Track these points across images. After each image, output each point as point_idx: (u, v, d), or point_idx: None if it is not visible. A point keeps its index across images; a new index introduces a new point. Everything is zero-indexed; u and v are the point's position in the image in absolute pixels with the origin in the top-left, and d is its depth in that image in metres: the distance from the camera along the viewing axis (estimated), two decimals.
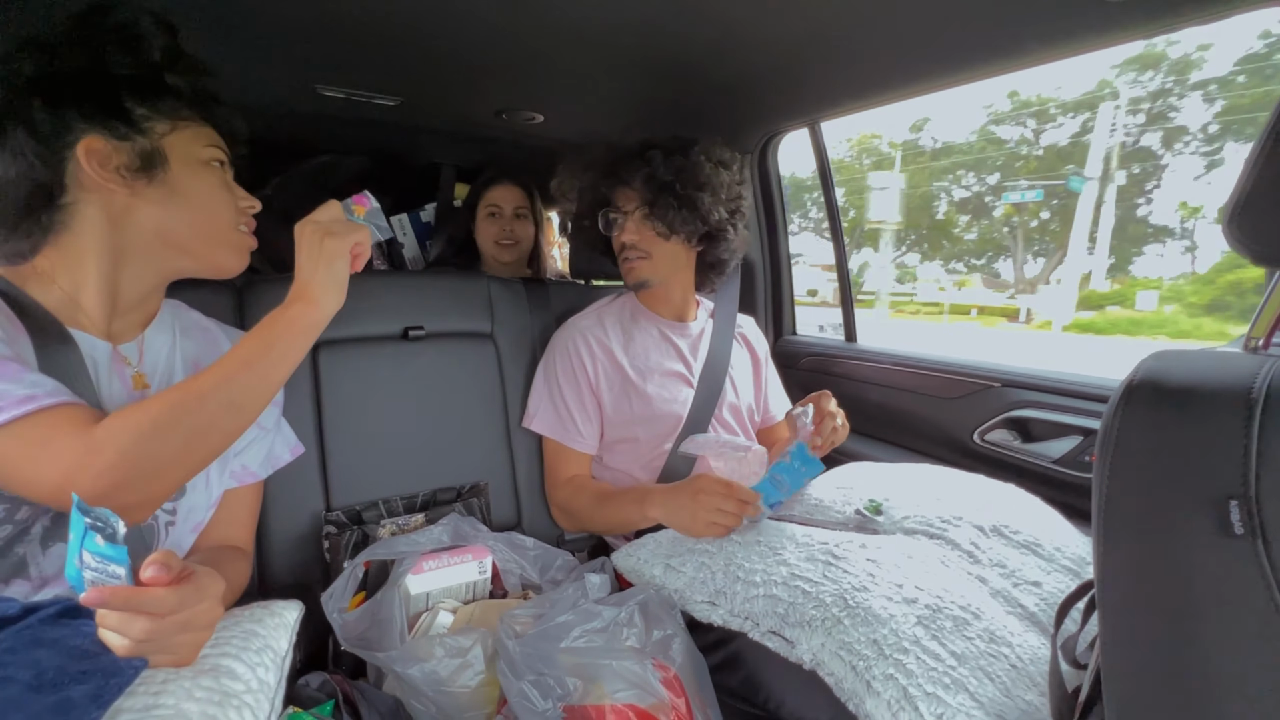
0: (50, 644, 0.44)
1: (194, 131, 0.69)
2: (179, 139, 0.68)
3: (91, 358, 0.65)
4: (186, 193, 0.68)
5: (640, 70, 1.12)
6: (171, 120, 0.67)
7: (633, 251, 1.10)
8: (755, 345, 1.26)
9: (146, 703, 0.42)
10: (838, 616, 0.64)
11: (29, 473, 0.54)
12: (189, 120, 0.69)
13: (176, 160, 0.67)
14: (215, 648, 0.53)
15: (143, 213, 0.66)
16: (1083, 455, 0.99)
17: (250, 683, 0.51)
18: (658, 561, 0.84)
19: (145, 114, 0.65)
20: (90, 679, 0.42)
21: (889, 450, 1.32)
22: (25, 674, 0.40)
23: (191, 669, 0.49)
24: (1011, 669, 0.61)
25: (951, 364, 1.23)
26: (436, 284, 1.16)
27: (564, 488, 1.10)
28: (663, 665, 0.69)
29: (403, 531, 0.95)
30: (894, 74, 1.04)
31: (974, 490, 0.92)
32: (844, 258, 1.48)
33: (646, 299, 1.18)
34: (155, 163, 0.65)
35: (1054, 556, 0.79)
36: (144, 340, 0.73)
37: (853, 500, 0.91)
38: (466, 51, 1.05)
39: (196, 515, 0.74)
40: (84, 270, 0.65)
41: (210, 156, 0.70)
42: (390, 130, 1.54)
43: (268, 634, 0.58)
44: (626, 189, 1.09)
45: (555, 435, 1.09)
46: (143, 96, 0.65)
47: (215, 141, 0.72)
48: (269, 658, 0.56)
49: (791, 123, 1.36)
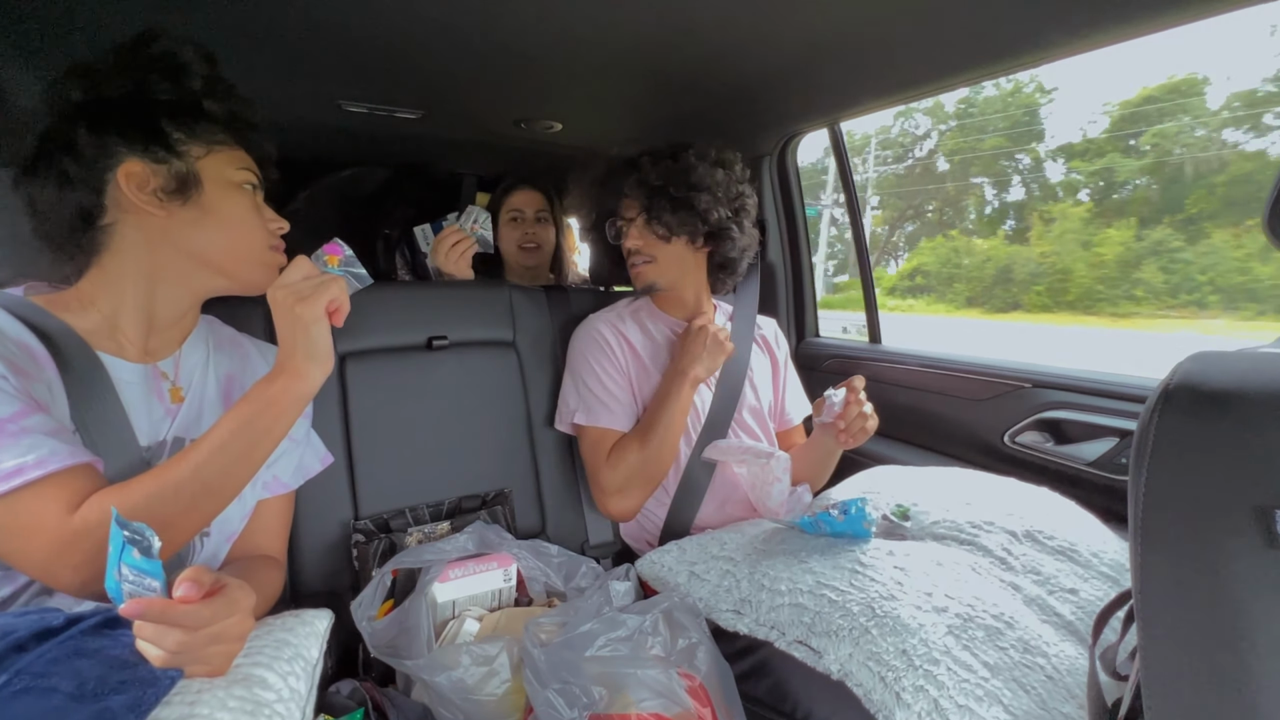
0: (91, 654, 0.45)
1: (227, 155, 0.71)
2: (213, 162, 0.70)
3: (128, 381, 0.68)
4: (219, 213, 0.70)
5: (656, 77, 1.12)
6: (207, 144, 0.69)
7: (638, 256, 1.12)
8: (775, 347, 1.25)
9: (182, 713, 0.43)
10: (865, 626, 0.63)
11: (11, 552, 0.55)
12: (223, 144, 0.71)
13: (210, 182, 0.69)
14: (248, 657, 0.54)
15: (178, 233, 0.68)
16: (1120, 457, 0.96)
17: (282, 692, 0.52)
18: (682, 569, 0.83)
19: (182, 138, 0.67)
20: (129, 689, 0.43)
21: (916, 453, 1.30)
22: (68, 684, 0.41)
23: (225, 679, 0.50)
24: (1047, 680, 0.59)
25: (980, 364, 1.20)
26: (459, 294, 1.17)
27: (609, 463, 1.05)
28: (688, 674, 0.69)
29: (429, 539, 0.96)
30: (916, 70, 1.02)
31: (1005, 494, 0.90)
32: (866, 257, 1.46)
33: (660, 302, 1.18)
34: (190, 185, 0.68)
35: (1091, 562, 0.76)
36: (180, 355, 0.75)
37: (880, 505, 0.90)
38: (486, 64, 1.07)
39: (230, 526, 0.76)
40: (122, 291, 0.68)
41: (243, 179, 0.73)
42: (412, 143, 1.57)
43: (299, 643, 0.59)
44: (626, 198, 1.12)
45: (591, 420, 1.07)
46: (180, 122, 0.67)
47: (247, 165, 0.74)
48: (300, 666, 0.57)
49: (810, 123, 1.35)
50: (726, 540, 0.88)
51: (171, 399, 0.72)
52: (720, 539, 0.89)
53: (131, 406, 0.67)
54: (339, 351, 1.03)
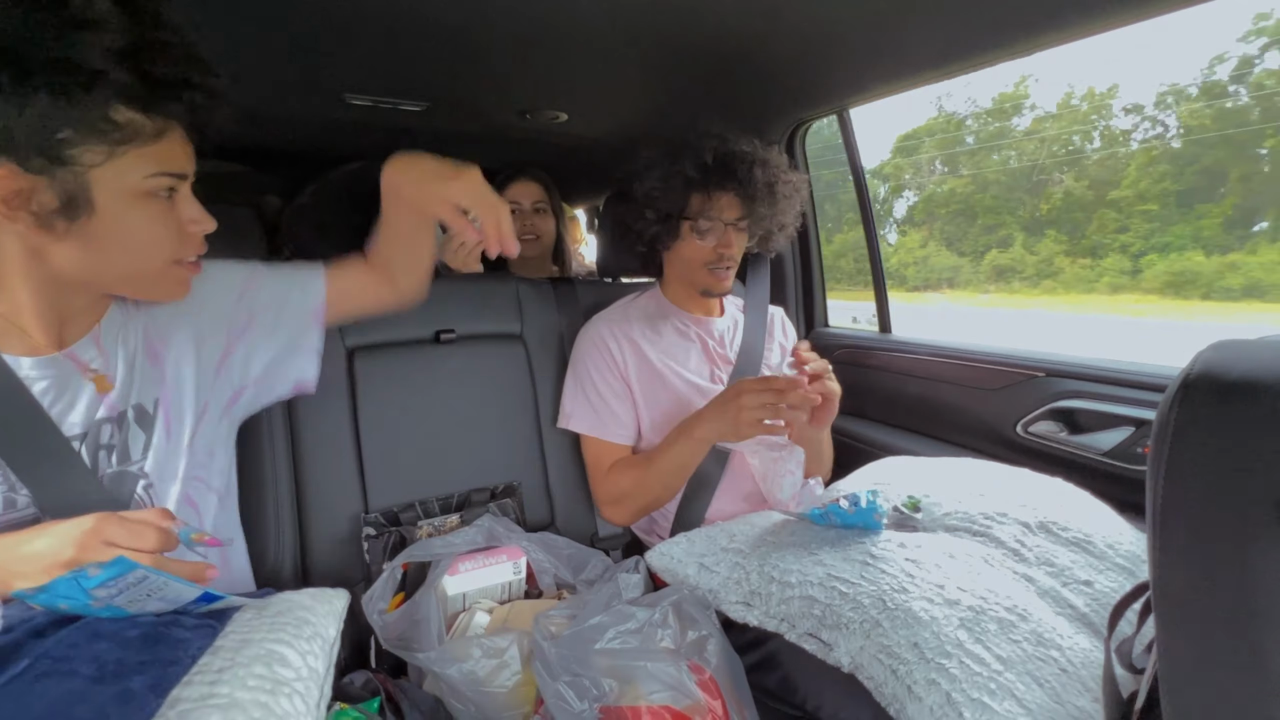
0: (109, 636, 0.45)
1: (136, 156, 0.56)
2: (114, 171, 0.55)
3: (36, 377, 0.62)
4: (113, 236, 0.58)
5: (663, 64, 1.10)
6: (107, 146, 0.53)
7: (729, 261, 1.08)
8: (784, 339, 1.24)
9: (203, 692, 0.43)
10: (876, 619, 0.63)
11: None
12: (135, 142, 0.55)
13: (106, 197, 0.55)
14: (271, 633, 0.53)
15: (61, 256, 0.57)
16: (1136, 447, 0.94)
17: (301, 670, 0.51)
18: (691, 561, 0.83)
19: (71, 138, 0.51)
20: (149, 669, 0.43)
21: (927, 444, 1.29)
22: (88, 667, 0.41)
23: (246, 655, 0.49)
24: (1061, 673, 0.59)
25: (992, 354, 1.19)
26: (466, 287, 1.17)
27: (608, 477, 1.08)
28: (698, 667, 0.69)
29: (439, 533, 0.97)
30: (931, 54, 1.00)
31: (1019, 485, 0.89)
32: (876, 246, 1.45)
33: (674, 295, 1.17)
34: (78, 207, 0.54)
35: (1106, 554, 0.75)
36: (99, 330, 0.67)
37: (890, 496, 0.89)
38: (491, 53, 1.06)
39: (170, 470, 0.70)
40: (14, 295, 0.60)
41: (152, 187, 0.58)
42: (417, 136, 1.57)
43: (318, 621, 0.59)
44: (730, 197, 1.05)
45: (592, 430, 1.08)
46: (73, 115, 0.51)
47: (167, 165, 0.59)
48: (319, 645, 0.56)
49: (820, 110, 1.33)
50: (736, 532, 0.87)
51: (99, 389, 0.65)
52: (729, 531, 0.88)
53: (49, 398, 0.62)
54: (347, 346, 1.03)
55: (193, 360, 0.73)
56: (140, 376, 0.69)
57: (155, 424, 0.70)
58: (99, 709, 0.38)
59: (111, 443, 0.66)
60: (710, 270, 1.08)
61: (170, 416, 0.71)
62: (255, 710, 0.42)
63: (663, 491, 1.06)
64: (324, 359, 0.92)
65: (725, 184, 1.03)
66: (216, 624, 0.51)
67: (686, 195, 1.05)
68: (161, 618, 0.49)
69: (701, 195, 1.05)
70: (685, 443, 0.98)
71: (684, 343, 1.13)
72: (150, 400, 0.70)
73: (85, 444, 0.64)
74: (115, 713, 0.38)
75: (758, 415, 0.89)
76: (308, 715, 0.46)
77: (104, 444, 0.65)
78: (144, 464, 0.68)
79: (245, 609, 0.55)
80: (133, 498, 0.67)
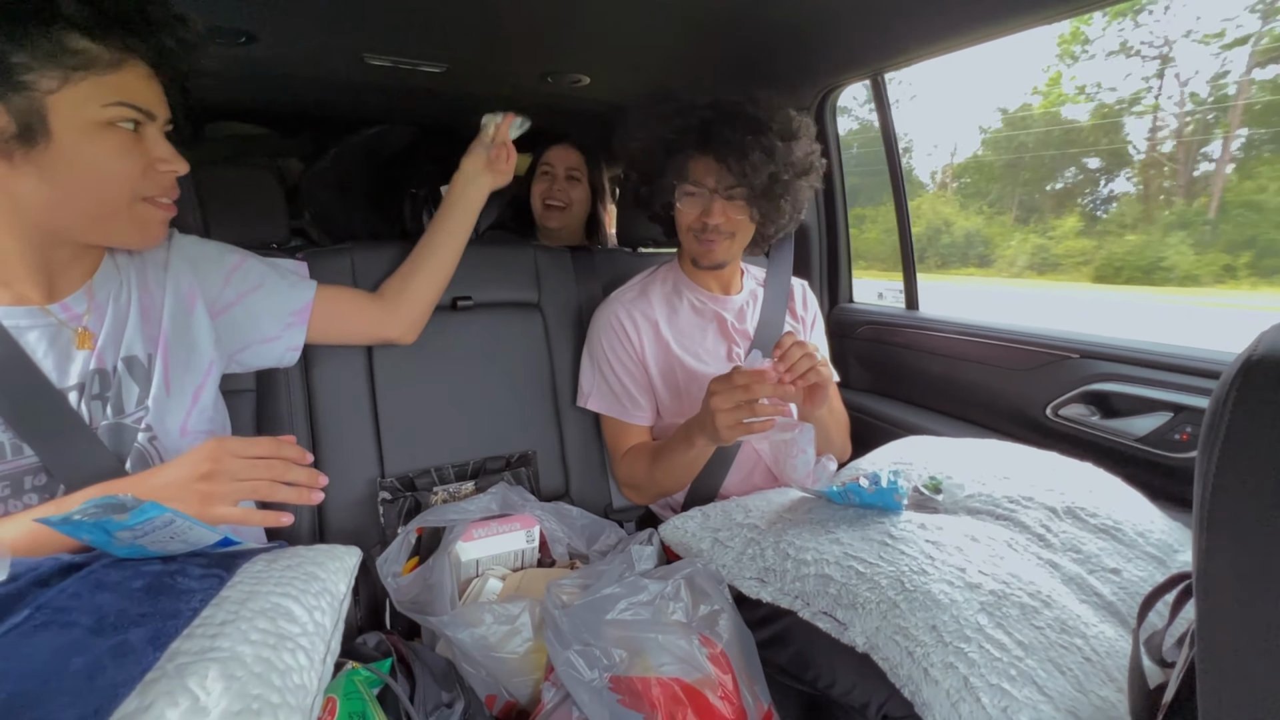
0: (112, 587, 0.45)
1: (93, 85, 0.55)
2: (70, 97, 0.55)
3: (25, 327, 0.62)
4: (71, 166, 0.57)
5: (689, 24, 1.06)
6: (63, 72, 0.53)
7: (717, 233, 1.00)
8: (803, 311, 1.20)
9: (203, 645, 0.43)
10: (894, 600, 0.61)
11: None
12: (89, 69, 0.55)
13: (62, 124, 0.55)
14: (279, 586, 0.52)
15: (23, 188, 0.56)
16: (1173, 433, 0.91)
17: (306, 625, 0.51)
18: (705, 535, 0.82)
19: (25, 64, 0.52)
20: (149, 621, 0.43)
21: (952, 424, 1.25)
22: (87, 618, 0.41)
23: (251, 609, 0.48)
24: (1085, 662, 0.57)
25: (1023, 333, 1.15)
26: (484, 254, 1.15)
27: (624, 461, 1.09)
28: (709, 641, 0.68)
29: (454, 499, 0.97)
30: (973, 11, 0.94)
31: (1046, 468, 0.86)
32: (906, 219, 1.39)
33: (692, 270, 1.14)
34: (34, 132, 0.54)
35: (1136, 542, 0.73)
36: (92, 285, 0.68)
37: (911, 476, 0.87)
38: (512, 14, 1.02)
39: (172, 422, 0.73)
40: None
41: (112, 117, 0.57)
42: (437, 99, 1.54)
43: (328, 577, 0.58)
44: (713, 161, 0.95)
45: (610, 411, 1.08)
46: (24, 38, 0.51)
47: (125, 96, 0.58)
48: (327, 601, 0.55)
49: (852, 75, 1.27)
50: (751, 507, 0.86)
51: (78, 344, 0.65)
52: (745, 506, 0.87)
53: (38, 350, 0.62)
54: None
55: (187, 316, 0.75)
56: (132, 330, 0.70)
57: (153, 377, 0.71)
58: (95, 661, 0.38)
59: (105, 394, 0.67)
60: (696, 239, 1.02)
61: (169, 369, 0.72)
62: (256, 665, 0.42)
63: (673, 485, 1.05)
64: None
65: (705, 148, 0.95)
66: (224, 573, 0.51)
67: (666, 158, 0.99)
68: (168, 566, 0.49)
69: (681, 158, 0.98)
70: (685, 447, 0.93)
71: (700, 320, 1.11)
72: (144, 353, 0.71)
73: (82, 397, 0.65)
74: (111, 665, 0.38)
75: (733, 417, 0.81)
76: (311, 670, 0.46)
77: (95, 395, 0.66)
78: (142, 416, 0.69)
79: (255, 560, 0.55)
80: (132, 448, 0.69)
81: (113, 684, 0.37)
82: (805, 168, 0.99)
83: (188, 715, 0.36)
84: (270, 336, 0.83)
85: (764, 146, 0.92)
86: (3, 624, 0.39)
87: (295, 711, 0.42)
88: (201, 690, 0.38)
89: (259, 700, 0.40)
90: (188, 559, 0.52)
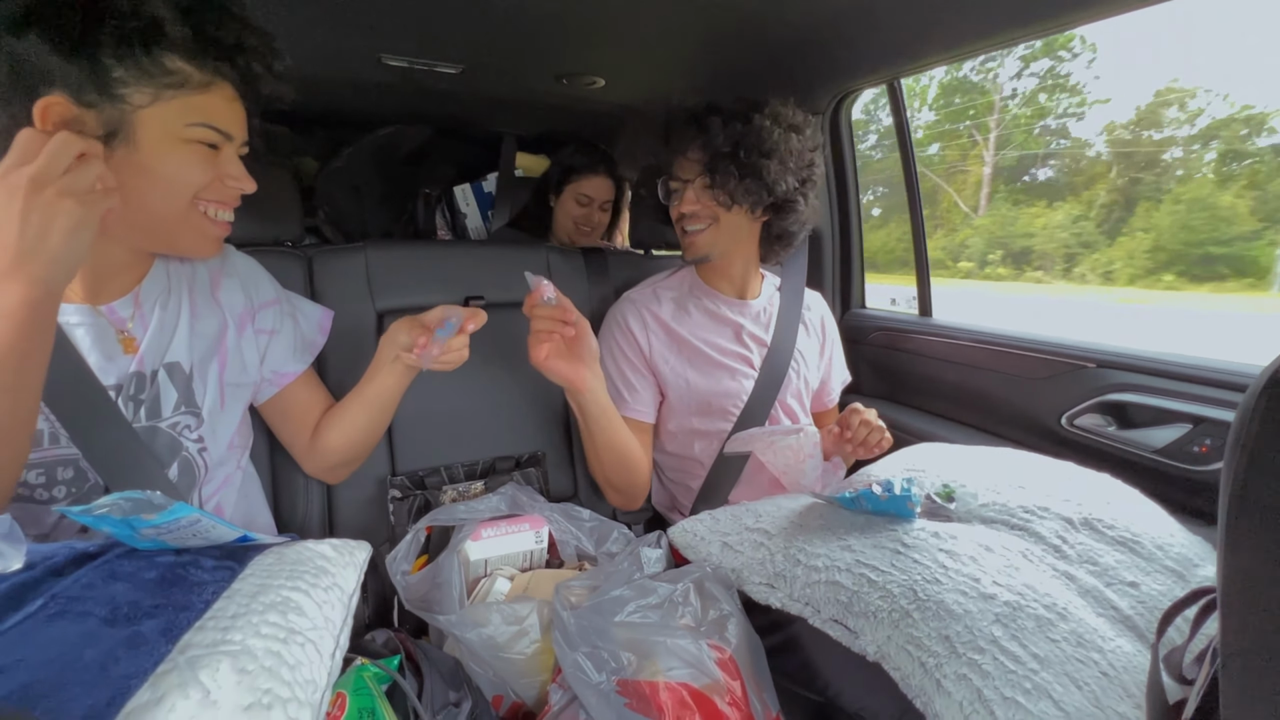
0: (126, 577, 0.46)
1: (182, 105, 0.59)
2: (158, 114, 0.57)
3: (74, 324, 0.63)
4: (144, 172, 0.59)
5: (703, 28, 1.06)
6: (156, 89, 0.56)
7: (692, 223, 1.04)
8: (824, 324, 1.20)
9: (215, 638, 0.43)
10: (906, 609, 0.61)
11: None
12: (182, 89, 0.58)
13: (148, 138, 0.58)
14: (289, 580, 0.53)
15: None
16: (1192, 445, 0.89)
17: (316, 620, 0.51)
18: (714, 539, 0.82)
19: (125, 79, 0.55)
20: (161, 613, 0.43)
21: (965, 433, 1.24)
22: (101, 609, 0.42)
23: (261, 602, 0.48)
24: (1102, 676, 0.56)
25: (1038, 342, 1.13)
26: (497, 254, 1.16)
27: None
28: (718, 646, 0.68)
29: (463, 498, 0.97)
30: (993, 16, 0.93)
31: (1062, 478, 0.85)
32: (921, 225, 1.39)
33: (706, 274, 1.14)
34: (117, 137, 0.56)
35: (1155, 555, 0.71)
36: (139, 292, 0.69)
37: (924, 484, 0.86)
38: (527, 15, 1.03)
39: (222, 435, 0.75)
40: None
41: (194, 136, 0.60)
42: (452, 100, 1.55)
43: (337, 572, 0.59)
44: (684, 158, 1.03)
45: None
46: (129, 56, 0.54)
47: (208, 118, 0.61)
48: (336, 595, 0.56)
49: (867, 79, 1.27)
50: (761, 512, 0.85)
51: (124, 349, 0.67)
52: (755, 510, 0.87)
53: (82, 346, 0.63)
54: (377, 309, 1.03)
55: (238, 332, 0.77)
56: (180, 338, 0.71)
57: (194, 385, 0.72)
58: (108, 652, 0.38)
59: (140, 396, 0.68)
60: (683, 233, 1.07)
61: (225, 384, 0.75)
62: (267, 658, 0.42)
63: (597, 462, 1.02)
64: (354, 321, 0.91)
65: (683, 144, 1.02)
66: (236, 566, 0.51)
67: (660, 155, 1.07)
68: (181, 557, 0.49)
69: (669, 155, 1.05)
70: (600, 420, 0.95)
71: (715, 326, 1.11)
72: (187, 362, 0.72)
73: (118, 396, 0.66)
74: (124, 656, 0.38)
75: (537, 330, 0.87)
76: (320, 664, 0.46)
77: (131, 395, 0.67)
78: (194, 425, 0.71)
79: (267, 553, 0.55)
80: (179, 457, 0.71)
81: (125, 675, 0.37)
82: (768, 149, 0.98)
83: (199, 708, 0.36)
84: (251, 379, 0.82)
85: (736, 139, 0.97)
86: (18, 612, 0.39)
87: (304, 706, 0.42)
88: (213, 683, 0.38)
89: (269, 694, 0.40)
90: (200, 550, 0.52)
